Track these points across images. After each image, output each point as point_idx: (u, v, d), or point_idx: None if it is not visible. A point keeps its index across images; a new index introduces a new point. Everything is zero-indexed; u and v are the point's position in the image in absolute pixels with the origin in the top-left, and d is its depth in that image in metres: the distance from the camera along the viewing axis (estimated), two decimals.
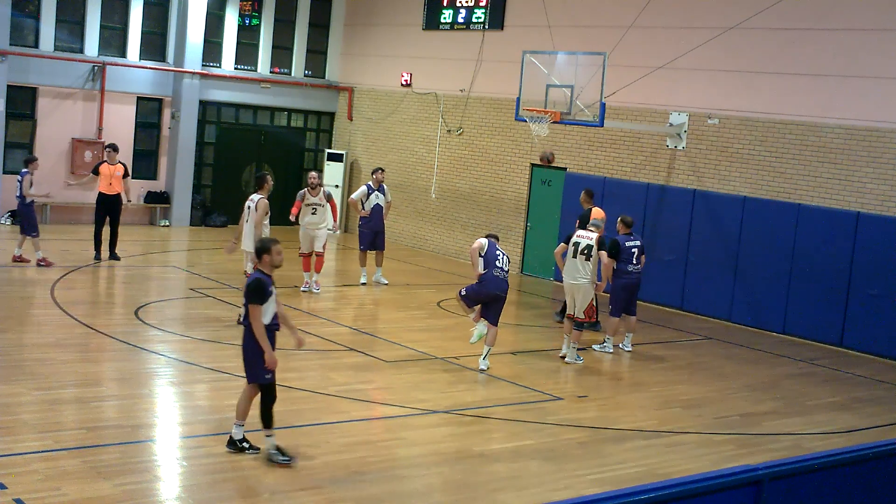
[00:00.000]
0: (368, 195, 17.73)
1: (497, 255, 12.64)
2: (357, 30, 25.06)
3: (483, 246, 12.64)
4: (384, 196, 17.83)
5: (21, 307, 14.16)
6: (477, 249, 12.63)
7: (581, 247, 13.42)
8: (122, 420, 9.65)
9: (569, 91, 16.84)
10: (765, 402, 12.42)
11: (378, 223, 17.74)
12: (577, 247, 13.45)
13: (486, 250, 12.61)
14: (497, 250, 12.70)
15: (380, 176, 17.90)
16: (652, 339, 15.51)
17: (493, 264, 12.55)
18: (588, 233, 13.58)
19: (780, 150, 16.91)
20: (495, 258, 12.59)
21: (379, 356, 12.95)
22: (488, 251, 12.62)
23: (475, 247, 12.67)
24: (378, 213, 17.74)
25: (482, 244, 12.66)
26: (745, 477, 5.81)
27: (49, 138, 21.62)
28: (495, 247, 12.72)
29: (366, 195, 17.75)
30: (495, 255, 12.63)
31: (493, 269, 12.54)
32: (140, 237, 21.06)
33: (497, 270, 12.55)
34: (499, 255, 12.66)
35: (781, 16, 16.60)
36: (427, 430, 10.19)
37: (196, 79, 23.03)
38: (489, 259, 12.57)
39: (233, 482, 8.28)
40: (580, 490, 8.79)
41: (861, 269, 15.71)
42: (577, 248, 13.44)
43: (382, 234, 17.84)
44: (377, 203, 17.71)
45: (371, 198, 17.71)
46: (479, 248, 12.62)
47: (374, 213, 17.72)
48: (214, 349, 12.56)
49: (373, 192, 17.73)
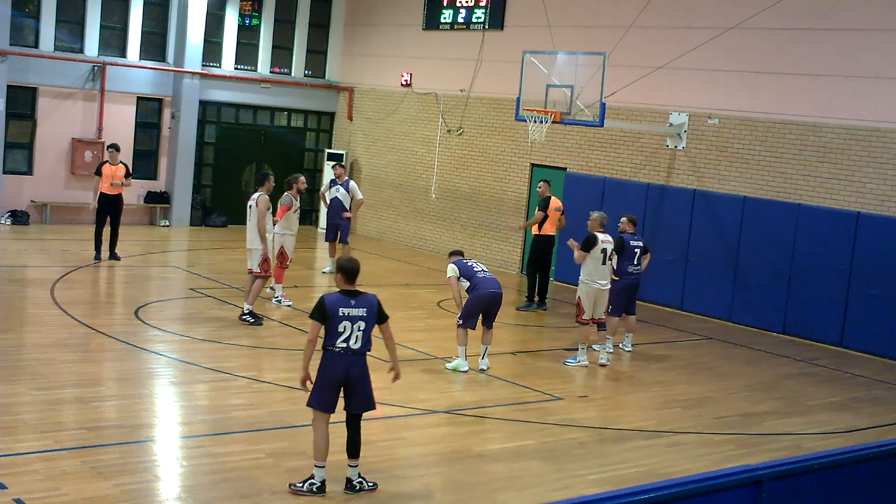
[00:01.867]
0: (330, 188, 18.37)
1: (471, 265, 12.62)
2: (357, 30, 25.06)
3: (456, 271, 12.53)
4: (347, 192, 18.18)
5: (21, 307, 14.16)
6: (454, 278, 12.51)
7: (608, 252, 13.31)
8: (122, 420, 9.65)
9: (569, 91, 16.84)
10: (765, 402, 12.42)
11: (336, 216, 18.19)
12: (605, 253, 13.25)
13: (460, 272, 12.53)
14: (469, 262, 12.69)
15: (338, 170, 18.44)
16: (652, 339, 15.51)
17: (475, 274, 12.55)
18: (607, 236, 13.46)
19: (780, 150, 16.91)
20: (472, 271, 12.57)
21: (379, 356, 12.92)
22: (462, 271, 12.54)
23: (450, 276, 12.53)
24: (336, 205, 18.17)
25: (455, 270, 12.53)
26: (744, 477, 5.81)
27: (49, 138, 21.63)
28: (465, 262, 12.67)
29: (329, 187, 18.45)
30: (470, 267, 12.60)
31: (476, 276, 12.53)
32: (140, 237, 21.06)
33: (481, 274, 12.57)
34: (472, 264, 12.65)
35: (781, 16, 16.60)
36: (427, 430, 10.19)
37: (196, 79, 23.03)
38: (468, 273, 12.53)
39: (233, 482, 8.28)
40: (580, 490, 8.79)
41: (861, 269, 15.71)
42: (605, 255, 13.25)
43: (345, 228, 18.21)
44: (336, 196, 18.17)
45: (332, 191, 18.28)
46: (455, 275, 12.51)
47: (333, 205, 18.25)
48: (214, 349, 12.56)
49: (333, 186, 18.28)
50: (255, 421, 9.90)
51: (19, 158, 21.56)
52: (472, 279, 12.47)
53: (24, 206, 21.46)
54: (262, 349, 12.90)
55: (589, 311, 13.28)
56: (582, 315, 13.28)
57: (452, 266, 12.57)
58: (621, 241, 14.19)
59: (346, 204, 18.17)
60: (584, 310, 13.25)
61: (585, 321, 13.31)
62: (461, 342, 12.49)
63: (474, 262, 12.78)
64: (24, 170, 21.58)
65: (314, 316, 8.06)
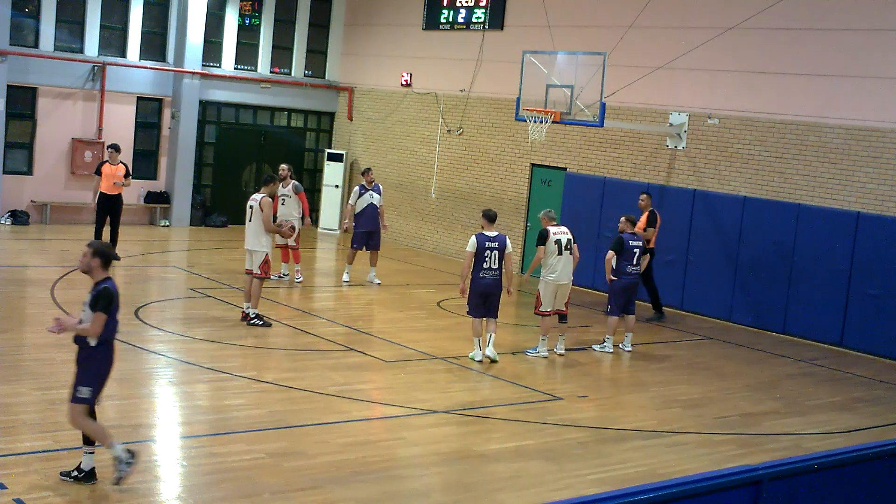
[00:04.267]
0: (361, 195, 17.67)
1: (485, 253, 12.73)
2: (357, 30, 25.06)
3: (473, 246, 12.72)
4: (379, 196, 17.78)
5: (21, 307, 14.16)
6: (470, 255, 12.73)
7: (563, 243, 13.54)
8: (122, 420, 9.65)
9: (569, 91, 16.84)
10: (765, 402, 12.42)
11: (371, 223, 17.65)
12: (559, 244, 13.49)
13: (476, 248, 12.72)
14: (488, 243, 12.76)
15: (370, 176, 17.88)
16: (652, 339, 15.52)
17: (481, 266, 12.72)
18: (561, 227, 13.74)
19: (780, 150, 16.91)
20: (483, 259, 12.72)
21: (379, 356, 12.95)
22: (477, 250, 12.71)
23: (468, 250, 12.78)
24: (372, 212, 17.65)
25: (472, 245, 12.73)
26: (744, 477, 5.81)
27: (49, 138, 21.63)
28: (485, 241, 12.76)
29: (358, 195, 17.70)
30: (483, 254, 12.73)
31: (480, 271, 12.72)
32: (140, 237, 21.06)
33: (483, 272, 12.73)
34: (487, 253, 12.73)
35: (781, 16, 16.60)
36: (427, 430, 10.19)
37: (196, 79, 23.03)
38: (478, 257, 12.72)
39: (233, 482, 8.28)
40: (580, 490, 8.79)
41: (861, 269, 15.71)
42: (560, 246, 13.49)
43: (378, 234, 17.80)
44: (371, 203, 17.62)
45: (365, 197, 17.64)
46: (471, 252, 12.71)
47: (368, 212, 17.60)
48: (214, 349, 12.56)
49: (366, 192, 17.67)
50: (255, 421, 9.90)
51: (19, 158, 21.56)
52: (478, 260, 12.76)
53: (24, 206, 21.46)
54: (262, 349, 12.90)
55: (548, 304, 13.54)
56: (539, 307, 13.58)
57: (472, 240, 12.79)
58: (620, 240, 14.21)
59: (380, 208, 17.80)
60: (541, 302, 13.54)
61: (543, 313, 13.55)
62: (475, 333, 12.94)
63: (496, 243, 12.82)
64: (24, 170, 21.58)
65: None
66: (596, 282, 18.33)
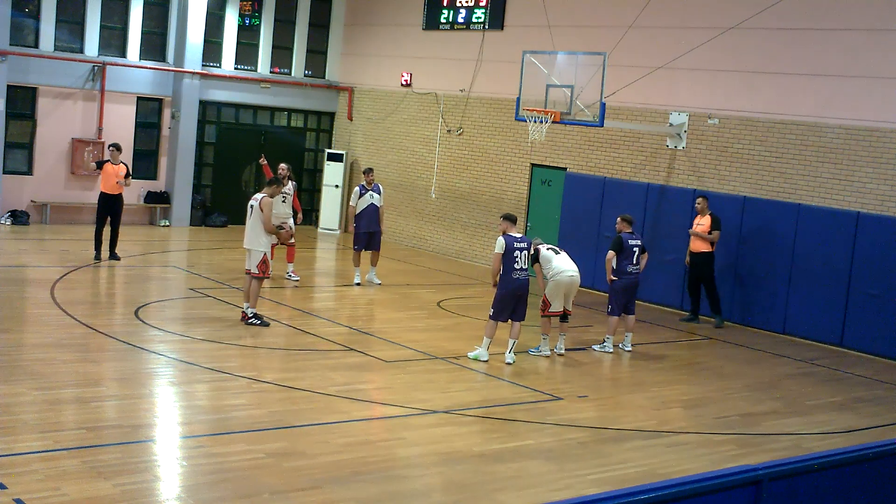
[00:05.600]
0: (361, 195, 17.60)
1: (515, 255, 12.77)
2: (357, 30, 25.07)
3: (502, 247, 12.76)
4: (380, 196, 17.72)
5: (21, 307, 14.16)
6: (499, 257, 12.77)
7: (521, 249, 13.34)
8: (122, 420, 9.65)
9: (569, 91, 16.84)
10: (765, 402, 12.42)
11: (372, 223, 17.59)
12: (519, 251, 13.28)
13: (505, 250, 12.76)
14: (517, 244, 12.81)
15: (371, 176, 17.77)
16: (652, 339, 15.52)
17: (512, 266, 12.76)
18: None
19: (780, 150, 16.91)
20: (513, 260, 12.75)
21: (379, 356, 12.95)
22: (506, 251, 12.75)
23: (496, 252, 12.84)
24: (373, 212, 17.58)
25: (501, 246, 12.77)
26: (744, 477, 5.81)
27: (49, 138, 21.63)
28: (514, 242, 12.81)
29: (358, 196, 17.62)
30: (513, 255, 12.75)
31: (512, 271, 12.77)
32: (140, 237, 21.06)
33: (516, 273, 12.78)
34: (517, 254, 12.78)
35: (781, 16, 16.60)
36: (427, 430, 10.19)
37: (196, 79, 23.03)
38: (508, 259, 12.74)
39: (233, 482, 8.28)
40: (580, 490, 8.79)
41: (861, 269, 15.71)
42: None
43: (378, 235, 17.74)
44: (371, 203, 17.56)
45: (365, 197, 17.56)
46: (499, 254, 12.75)
47: (369, 212, 17.53)
48: (214, 349, 12.56)
49: (366, 192, 17.59)
50: (255, 421, 9.90)
51: (19, 158, 21.56)
52: (506, 272, 12.80)
53: (24, 206, 21.47)
54: (262, 349, 12.90)
55: (558, 304, 13.58)
56: (548, 309, 13.69)
57: (500, 241, 12.84)
58: (620, 240, 14.21)
59: (380, 209, 17.72)
60: (550, 304, 13.64)
61: (552, 314, 13.66)
62: (488, 334, 12.96)
63: (523, 244, 12.89)
64: (24, 170, 21.58)
65: None
66: (596, 282, 18.32)
